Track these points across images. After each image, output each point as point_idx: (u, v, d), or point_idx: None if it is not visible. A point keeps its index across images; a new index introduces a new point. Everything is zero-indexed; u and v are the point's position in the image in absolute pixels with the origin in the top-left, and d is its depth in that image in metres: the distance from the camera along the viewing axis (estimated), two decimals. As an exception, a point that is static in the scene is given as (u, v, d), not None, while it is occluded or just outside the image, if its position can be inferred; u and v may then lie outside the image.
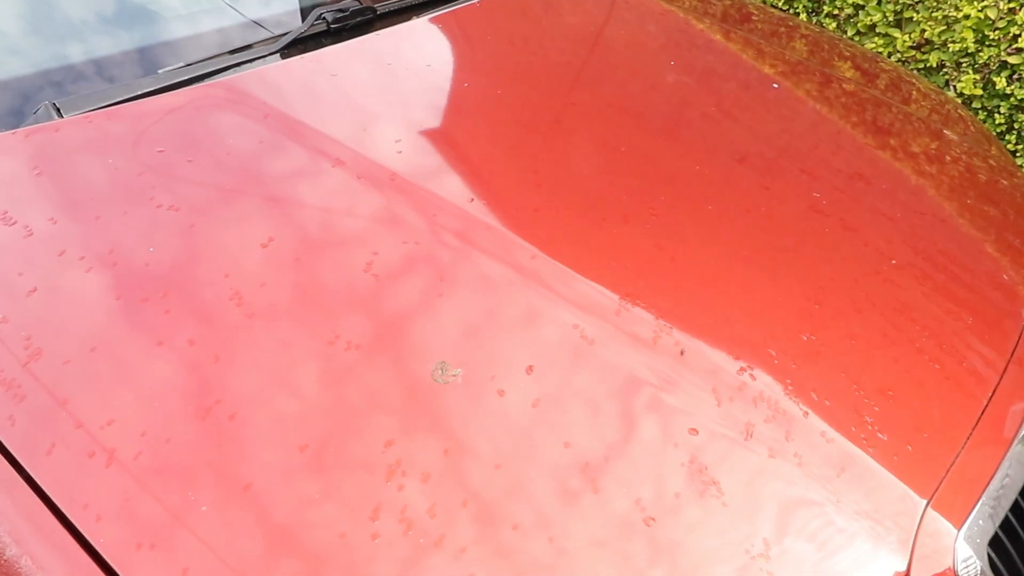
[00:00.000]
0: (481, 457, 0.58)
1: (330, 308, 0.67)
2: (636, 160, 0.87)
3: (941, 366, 0.68)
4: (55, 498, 0.55)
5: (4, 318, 0.66)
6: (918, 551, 0.58)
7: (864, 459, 0.61)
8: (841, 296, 0.73)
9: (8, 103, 0.89)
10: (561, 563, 0.53)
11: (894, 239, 0.80)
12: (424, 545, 0.53)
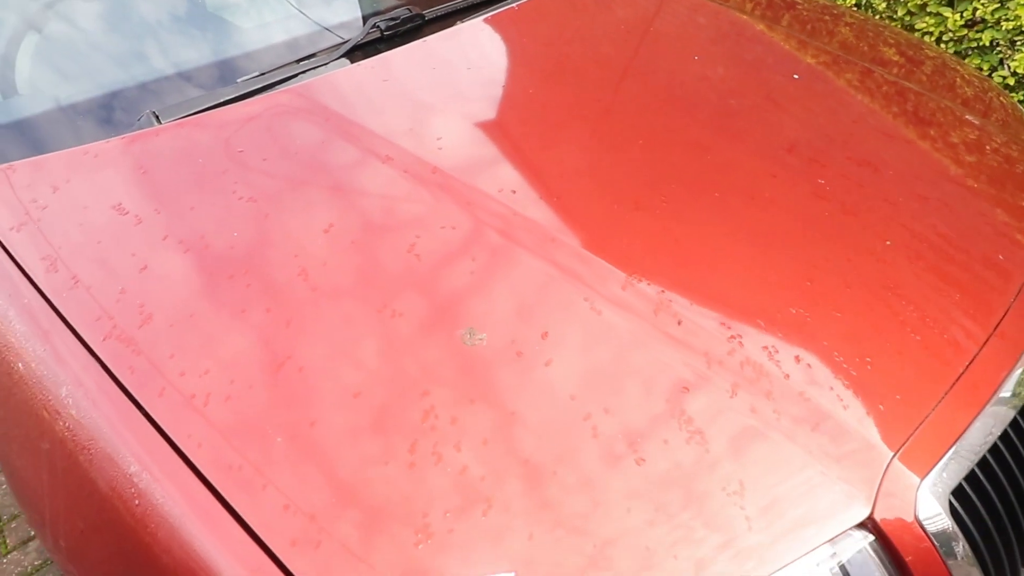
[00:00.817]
0: (500, 406, 0.69)
1: (379, 283, 0.80)
2: (653, 150, 0.96)
3: (921, 338, 0.75)
4: (167, 429, 0.69)
5: (122, 290, 0.82)
6: (882, 499, 0.66)
7: (838, 416, 0.69)
8: (832, 274, 0.80)
9: (117, 112, 1.06)
10: (559, 489, 0.64)
11: (892, 222, 0.87)
12: (451, 473, 0.65)
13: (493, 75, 1.13)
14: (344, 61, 1.16)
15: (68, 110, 1.08)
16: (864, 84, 1.15)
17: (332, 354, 0.73)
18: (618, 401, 0.70)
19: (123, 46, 1.15)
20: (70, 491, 0.77)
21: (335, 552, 0.61)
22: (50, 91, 1.09)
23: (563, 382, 0.71)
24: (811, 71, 1.16)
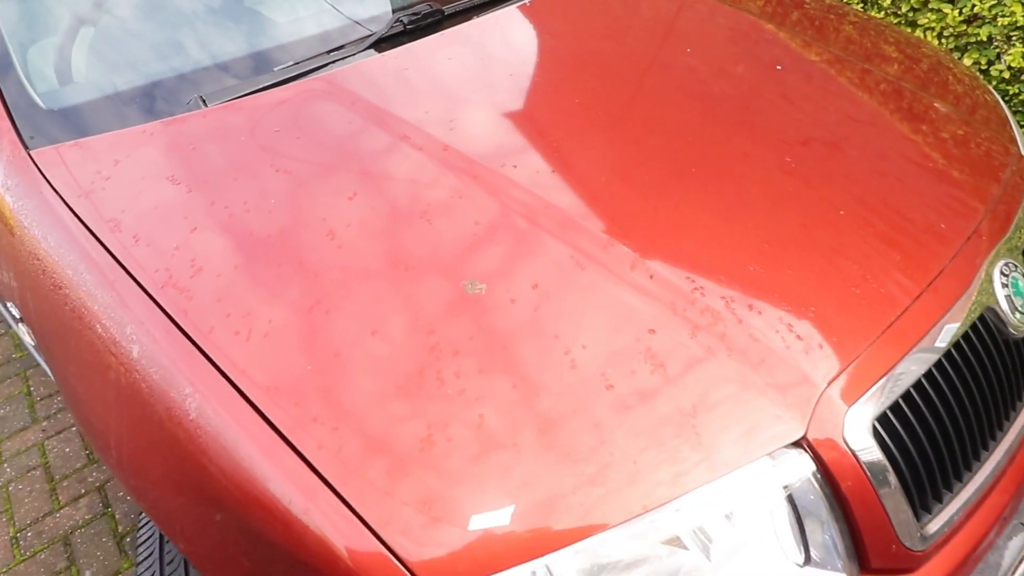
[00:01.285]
0: (494, 342, 0.82)
1: (396, 241, 0.93)
2: (638, 133, 1.08)
3: (860, 291, 0.86)
4: (215, 359, 0.83)
5: (176, 247, 0.96)
6: (815, 422, 0.78)
7: (781, 354, 0.81)
8: (789, 238, 0.91)
9: (170, 97, 1.21)
10: (541, 406, 0.76)
11: (848, 195, 0.98)
12: (450, 395, 0.78)
13: (502, 65, 1.25)
14: (370, 52, 1.30)
15: (124, 95, 1.22)
16: (841, 74, 1.25)
17: (354, 299, 0.87)
18: (594, 340, 0.82)
19: (172, 38, 1.30)
20: (132, 415, 0.91)
21: (354, 454, 0.74)
22: (110, 78, 1.24)
23: (549, 324, 0.84)
24: (794, 63, 1.27)
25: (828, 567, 0.82)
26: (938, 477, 0.85)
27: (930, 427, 0.84)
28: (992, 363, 0.91)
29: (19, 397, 2.43)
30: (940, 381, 0.85)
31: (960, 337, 0.88)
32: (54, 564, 1.83)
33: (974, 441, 0.89)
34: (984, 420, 0.90)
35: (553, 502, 0.72)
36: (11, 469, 2.14)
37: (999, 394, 0.92)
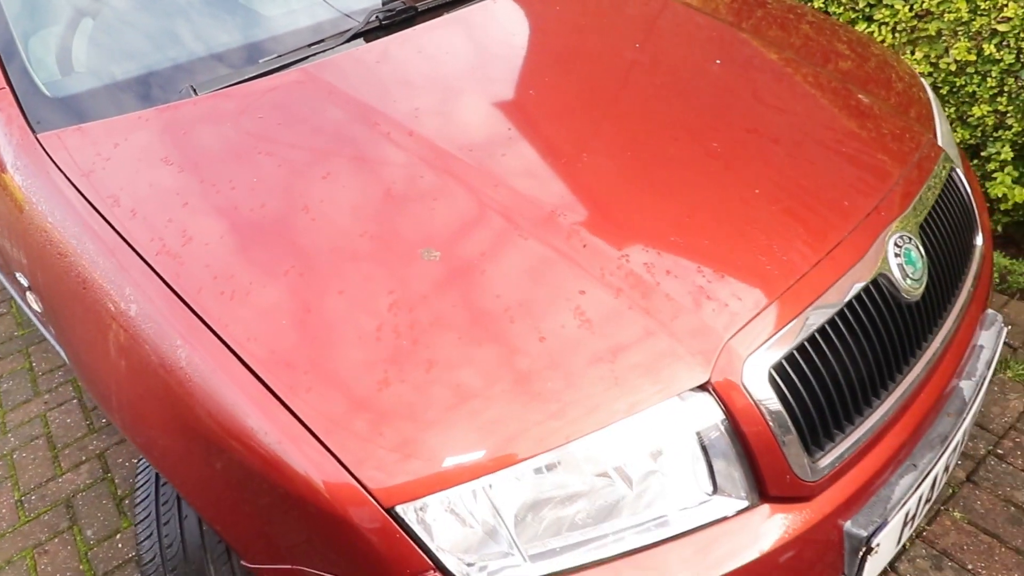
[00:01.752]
0: (446, 301, 0.95)
1: (363, 214, 1.05)
2: (580, 122, 1.20)
3: (766, 258, 0.99)
4: (203, 315, 0.95)
5: (169, 219, 1.08)
6: (717, 369, 0.90)
7: (692, 311, 0.93)
8: (707, 212, 1.04)
9: (164, 86, 1.32)
10: (482, 353, 0.89)
11: (763, 176, 1.10)
12: (405, 346, 0.90)
13: (464, 57, 1.37)
14: (348, 45, 1.41)
15: (122, 84, 1.34)
16: (776, 70, 1.37)
17: (324, 264, 0.99)
18: (531, 300, 0.95)
19: (166, 30, 1.41)
20: (130, 366, 1.04)
21: (320, 393, 0.87)
22: (110, 68, 1.35)
23: (493, 286, 0.96)
24: (733, 59, 1.39)
25: (733, 495, 0.95)
26: (829, 420, 0.98)
27: (822, 376, 0.97)
28: (884, 323, 1.04)
29: (22, 372, 2.55)
30: (833, 337, 0.97)
31: (853, 299, 1.01)
32: (56, 524, 1.96)
33: (864, 390, 1.02)
34: (875, 372, 1.03)
35: (495, 431, 0.85)
36: (15, 439, 2.27)
37: (891, 350, 1.05)
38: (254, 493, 0.91)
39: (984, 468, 1.75)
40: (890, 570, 1.56)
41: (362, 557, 0.85)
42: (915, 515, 1.11)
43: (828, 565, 1.03)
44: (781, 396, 0.93)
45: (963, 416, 1.16)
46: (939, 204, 1.20)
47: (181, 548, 1.16)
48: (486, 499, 0.87)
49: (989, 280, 1.37)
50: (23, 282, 1.36)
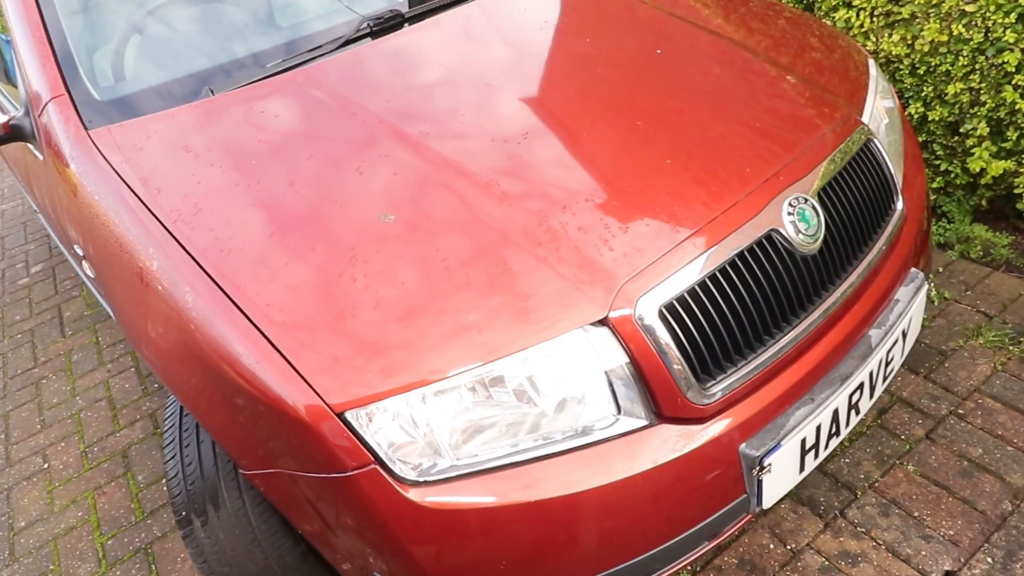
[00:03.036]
0: (394, 253, 1.16)
1: (336, 185, 1.27)
2: (527, 104, 1.39)
3: (667, 216, 1.16)
4: (207, 268, 1.19)
5: (185, 195, 1.33)
6: (614, 307, 1.08)
7: (596, 259, 1.11)
8: (624, 179, 1.22)
9: (190, 88, 1.58)
10: (421, 296, 1.10)
11: (679, 149, 1.27)
12: (359, 288, 1.11)
13: (436, 58, 1.58)
14: (336, 52, 1.64)
15: (154, 89, 1.60)
16: (714, 55, 1.53)
17: (302, 225, 1.22)
18: (463, 251, 1.15)
19: (192, 45, 1.68)
20: (154, 310, 1.29)
21: (291, 323, 1.09)
22: (146, 76, 1.62)
23: (434, 241, 1.17)
24: (673, 46, 1.55)
25: (634, 416, 1.13)
26: (719, 353, 1.14)
27: (712, 315, 1.13)
28: (778, 272, 1.19)
29: (89, 345, 2.91)
30: (723, 282, 1.14)
31: (746, 250, 1.17)
32: (114, 471, 2.27)
33: (757, 329, 1.18)
34: (771, 313, 1.19)
35: (426, 354, 1.05)
36: (82, 400, 2.61)
37: (788, 295, 1.20)
38: (243, 407, 1.15)
39: (943, 427, 1.85)
40: (839, 516, 1.69)
41: (320, 454, 1.06)
42: (816, 445, 1.26)
43: (731, 481, 1.19)
44: (671, 330, 1.10)
45: (867, 359, 1.29)
46: (848, 171, 1.34)
47: (199, 467, 1.41)
48: (420, 408, 1.07)
49: (916, 242, 1.49)
50: (79, 252, 1.64)
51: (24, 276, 3.60)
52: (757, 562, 1.63)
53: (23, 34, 1.67)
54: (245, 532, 1.39)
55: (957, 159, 2.32)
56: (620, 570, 1.15)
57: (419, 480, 1.07)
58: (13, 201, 4.53)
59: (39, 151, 1.71)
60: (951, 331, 2.11)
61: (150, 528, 2.05)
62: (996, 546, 1.56)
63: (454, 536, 1.07)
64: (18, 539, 2.12)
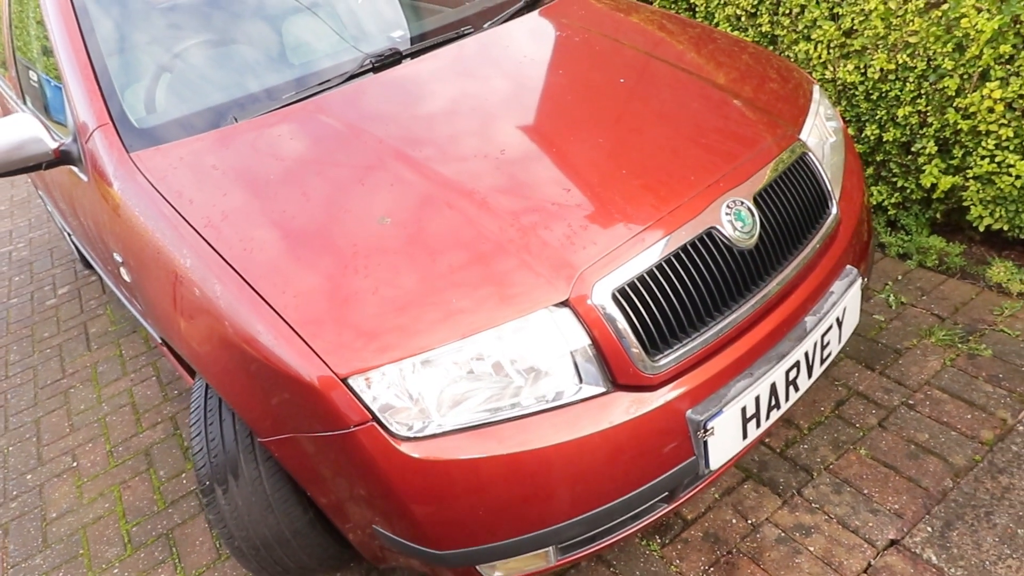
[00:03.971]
0: (390, 250, 1.37)
1: (344, 195, 1.49)
2: (517, 130, 1.62)
3: (620, 216, 1.37)
4: (232, 263, 1.41)
5: (213, 204, 1.55)
6: (574, 291, 1.29)
7: (560, 251, 1.32)
8: (584, 187, 1.43)
9: (217, 116, 1.82)
10: (414, 281, 1.30)
11: (634, 161, 1.48)
12: (361, 278, 1.32)
13: (431, 89, 1.82)
14: (342, 85, 1.89)
15: (187, 118, 1.85)
16: (671, 84, 1.76)
17: (314, 229, 1.44)
18: (448, 246, 1.36)
19: (218, 80, 1.93)
20: (185, 302, 1.50)
21: (303, 305, 1.30)
22: (180, 106, 1.87)
23: (424, 240, 1.38)
24: (635, 77, 1.78)
25: (593, 383, 1.32)
26: (665, 331, 1.34)
27: (658, 299, 1.33)
28: (717, 263, 1.39)
29: (114, 358, 3.13)
30: (668, 271, 1.34)
31: (688, 244, 1.37)
32: (137, 467, 2.47)
33: (699, 312, 1.37)
34: (712, 299, 1.39)
35: (415, 331, 1.26)
36: (107, 407, 2.82)
37: (727, 283, 1.40)
38: (263, 381, 1.35)
39: (894, 416, 2.02)
40: (796, 495, 1.86)
41: (329, 415, 1.26)
42: (757, 415, 1.44)
43: (680, 443, 1.37)
44: (623, 310, 1.31)
45: (802, 341, 1.48)
46: (783, 179, 1.55)
47: (221, 443, 1.61)
48: (412, 379, 1.27)
49: (851, 242, 1.69)
50: (118, 259, 1.87)
51: (52, 297, 3.84)
52: (720, 535, 1.80)
53: (72, 72, 1.92)
54: (261, 500, 1.58)
55: (912, 176, 2.53)
56: (584, 519, 1.33)
57: (410, 436, 1.26)
58: (40, 230, 4.80)
59: (84, 173, 1.95)
60: (906, 332, 2.29)
61: (171, 516, 2.23)
62: (936, 517, 1.72)
63: (440, 485, 1.26)
64: (50, 528, 2.31)
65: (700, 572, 1.72)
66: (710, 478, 1.53)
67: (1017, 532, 1.65)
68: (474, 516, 1.29)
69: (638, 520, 1.48)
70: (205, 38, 2.07)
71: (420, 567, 1.51)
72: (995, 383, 2.04)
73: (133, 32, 2.05)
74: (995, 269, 2.37)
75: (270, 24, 2.12)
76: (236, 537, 1.63)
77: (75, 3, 2.03)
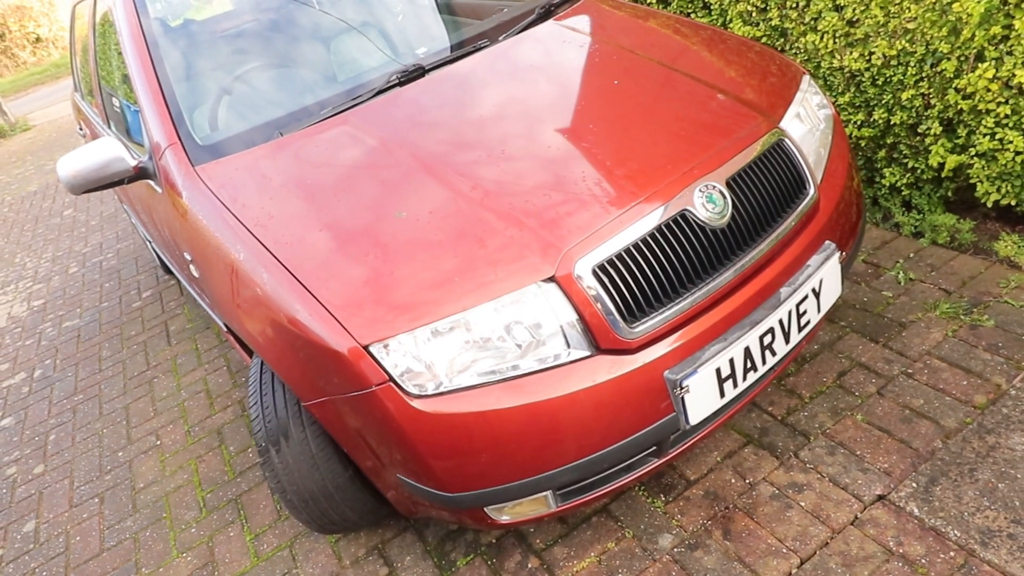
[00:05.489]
0: (405, 239, 1.61)
1: (368, 194, 1.75)
2: (510, 135, 1.84)
3: (603, 201, 1.56)
4: (278, 255, 1.68)
5: (262, 207, 1.84)
6: (559, 268, 1.49)
7: (545, 236, 1.53)
8: (570, 177, 1.63)
9: (265, 132, 2.11)
10: (427, 265, 1.54)
11: (618, 151, 1.67)
12: (380, 262, 1.57)
13: (453, 99, 2.05)
14: (372, 99, 2.15)
15: (242, 134, 2.14)
16: (660, 81, 1.93)
17: (344, 224, 1.69)
18: (455, 233, 1.58)
19: (268, 100, 2.22)
20: (241, 291, 1.78)
21: (335, 289, 1.55)
22: (234, 126, 2.17)
23: (434, 229, 1.61)
24: (628, 77, 1.97)
25: (580, 348, 1.52)
26: (641, 301, 1.53)
27: (635, 274, 1.52)
28: (691, 240, 1.57)
29: (191, 351, 3.51)
30: (644, 249, 1.53)
31: (663, 224, 1.55)
32: (211, 444, 2.81)
33: (673, 284, 1.55)
34: (682, 273, 1.56)
35: (425, 305, 1.49)
36: (185, 393, 3.19)
37: (701, 258, 1.58)
38: (303, 352, 1.61)
39: (893, 384, 2.13)
40: (793, 456, 1.99)
41: (354, 378, 1.51)
42: (733, 375, 1.61)
43: (660, 400, 1.55)
44: (603, 284, 1.50)
45: (776, 309, 1.64)
46: (758, 164, 1.71)
47: (274, 410, 1.89)
48: (424, 348, 1.50)
49: (831, 219, 1.82)
50: (187, 258, 2.19)
51: (137, 300, 4.30)
52: (719, 493, 1.96)
53: (146, 99, 2.25)
54: (307, 459, 1.85)
55: (921, 156, 2.60)
56: (576, 465, 1.53)
57: (422, 395, 1.49)
58: (127, 241, 5.33)
59: (158, 186, 2.28)
60: (911, 306, 2.38)
61: (239, 484, 2.55)
62: (922, 474, 1.83)
63: (447, 435, 1.49)
64: (138, 496, 2.67)
65: (699, 525, 1.89)
66: (698, 436, 1.71)
67: (998, 487, 1.74)
68: (478, 462, 1.51)
69: (631, 471, 1.67)
70: (257, 63, 2.38)
71: (448, 517, 1.74)
72: (994, 351, 2.12)
73: (196, 60, 2.37)
74: (1003, 243, 2.42)
75: (310, 48, 2.42)
76: (288, 491, 1.90)
77: (147, 36, 2.38)
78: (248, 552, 2.26)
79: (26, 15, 19.69)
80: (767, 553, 1.76)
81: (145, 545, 2.42)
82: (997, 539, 1.64)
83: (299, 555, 2.18)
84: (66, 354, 3.91)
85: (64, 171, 2.15)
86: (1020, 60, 2.12)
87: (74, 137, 9.63)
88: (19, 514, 2.77)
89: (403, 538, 2.14)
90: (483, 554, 2.00)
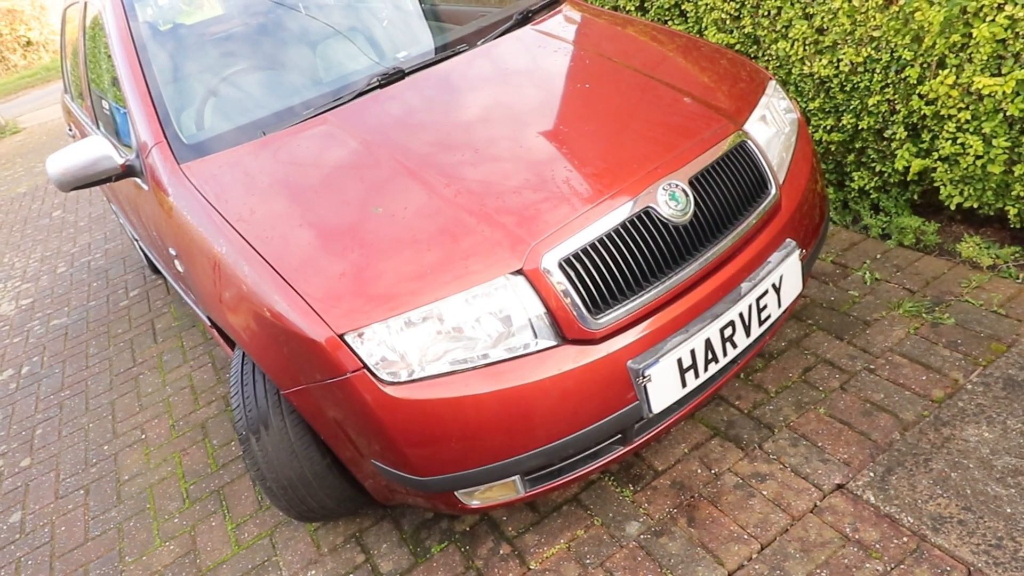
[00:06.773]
0: (380, 233, 1.67)
1: (345, 188, 1.81)
2: (483, 138, 1.91)
3: (569, 199, 1.63)
4: (259, 249, 1.74)
5: (244, 203, 1.90)
6: (527, 262, 1.56)
7: (515, 231, 1.60)
8: (539, 176, 1.70)
9: (249, 131, 2.17)
10: (401, 258, 1.60)
11: (587, 152, 1.74)
12: (356, 254, 1.63)
13: (422, 98, 2.12)
14: (353, 101, 2.21)
15: (226, 134, 2.21)
16: (629, 85, 2.01)
17: (321, 219, 1.75)
18: (428, 230, 1.65)
19: (250, 102, 2.28)
20: (223, 284, 1.84)
21: (312, 281, 1.62)
22: (218, 126, 2.23)
23: (408, 225, 1.68)
24: (597, 81, 2.04)
25: (547, 337, 1.59)
26: (606, 294, 1.60)
27: (599, 267, 1.59)
28: (653, 237, 1.64)
29: (176, 348, 3.56)
30: (608, 244, 1.60)
31: (627, 221, 1.62)
32: (195, 437, 2.85)
33: (636, 278, 1.62)
34: (645, 267, 1.63)
35: (398, 296, 1.55)
36: (170, 388, 3.23)
37: (663, 253, 1.65)
38: (282, 342, 1.67)
39: (855, 379, 2.20)
40: (757, 448, 2.06)
41: (330, 365, 1.57)
42: (694, 366, 1.68)
43: (623, 388, 1.62)
44: (568, 277, 1.57)
45: (736, 303, 1.71)
46: (720, 164, 1.78)
47: (254, 400, 1.95)
48: (398, 338, 1.56)
49: (793, 218, 1.90)
50: (172, 253, 2.25)
51: (124, 299, 4.34)
52: (686, 483, 2.03)
53: (134, 99, 2.31)
54: (286, 447, 1.91)
55: (888, 160, 2.69)
56: (542, 451, 1.60)
57: (394, 382, 1.55)
58: (115, 241, 5.36)
59: (145, 183, 2.34)
60: (876, 305, 2.46)
61: (221, 476, 2.60)
62: (880, 464, 1.91)
63: (419, 420, 1.55)
64: (123, 488, 2.71)
65: (664, 513, 1.95)
66: (662, 425, 1.77)
67: (951, 476, 1.82)
68: (447, 447, 1.57)
69: (597, 459, 1.74)
70: (242, 66, 2.44)
71: (423, 503, 1.80)
72: (953, 348, 2.20)
73: (183, 63, 2.43)
74: (965, 244, 2.50)
75: (294, 52, 2.48)
76: (268, 479, 1.96)
77: (135, 39, 2.44)
78: (229, 541, 2.30)
79: (17, 19, 19.71)
80: (729, 539, 1.83)
81: (129, 534, 2.46)
82: (948, 525, 1.71)
83: (279, 543, 2.23)
84: (53, 351, 3.95)
85: (53, 168, 2.20)
86: (979, 67, 2.21)
87: (64, 139, 9.66)
88: (5, 506, 2.81)
89: (380, 527, 2.19)
90: (457, 541, 2.06)
